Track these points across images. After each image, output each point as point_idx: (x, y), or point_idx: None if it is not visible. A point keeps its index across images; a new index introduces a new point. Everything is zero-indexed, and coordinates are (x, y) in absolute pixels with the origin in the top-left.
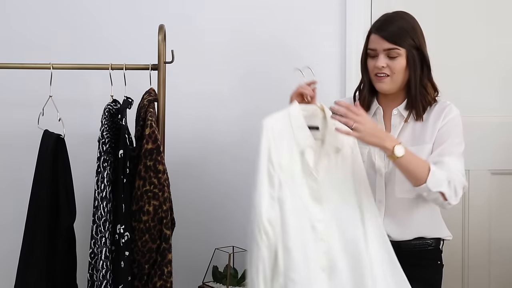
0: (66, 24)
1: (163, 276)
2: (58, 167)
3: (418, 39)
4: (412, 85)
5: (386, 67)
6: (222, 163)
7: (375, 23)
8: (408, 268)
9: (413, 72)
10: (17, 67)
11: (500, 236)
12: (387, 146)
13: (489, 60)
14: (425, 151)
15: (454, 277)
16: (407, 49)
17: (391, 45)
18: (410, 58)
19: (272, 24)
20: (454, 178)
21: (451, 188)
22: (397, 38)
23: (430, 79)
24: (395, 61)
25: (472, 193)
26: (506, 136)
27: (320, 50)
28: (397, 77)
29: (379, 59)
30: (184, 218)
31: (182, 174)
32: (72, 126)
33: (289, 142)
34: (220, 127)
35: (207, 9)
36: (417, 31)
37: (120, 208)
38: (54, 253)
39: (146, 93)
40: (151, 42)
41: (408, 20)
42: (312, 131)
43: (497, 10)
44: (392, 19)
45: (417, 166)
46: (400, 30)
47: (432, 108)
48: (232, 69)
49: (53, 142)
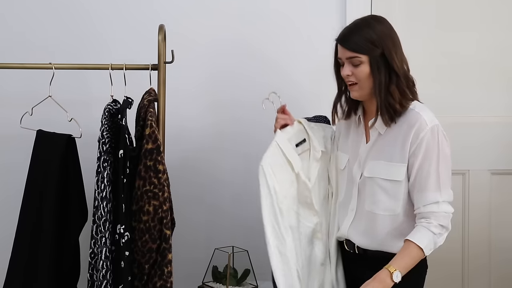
0: (66, 24)
1: (163, 276)
2: (68, 168)
3: (382, 45)
4: (377, 91)
5: (352, 75)
6: (222, 163)
7: (339, 34)
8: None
9: (377, 78)
10: (17, 67)
11: (500, 236)
12: (386, 285)
13: (489, 60)
14: (400, 173)
15: (454, 277)
16: (369, 56)
17: (352, 54)
18: (373, 64)
19: (272, 25)
20: (436, 221)
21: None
22: (357, 46)
23: (398, 86)
24: (359, 69)
25: (472, 193)
26: (506, 136)
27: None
28: (363, 84)
29: (344, 68)
30: (184, 218)
31: (182, 174)
32: (72, 126)
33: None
34: (220, 127)
35: (207, 9)
36: (382, 38)
37: (120, 208)
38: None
39: (146, 93)
40: (151, 42)
41: (374, 26)
42: (301, 145)
43: (497, 10)
44: (355, 27)
45: (413, 260)
46: (360, 38)
47: (402, 116)
48: (232, 69)
49: (63, 143)
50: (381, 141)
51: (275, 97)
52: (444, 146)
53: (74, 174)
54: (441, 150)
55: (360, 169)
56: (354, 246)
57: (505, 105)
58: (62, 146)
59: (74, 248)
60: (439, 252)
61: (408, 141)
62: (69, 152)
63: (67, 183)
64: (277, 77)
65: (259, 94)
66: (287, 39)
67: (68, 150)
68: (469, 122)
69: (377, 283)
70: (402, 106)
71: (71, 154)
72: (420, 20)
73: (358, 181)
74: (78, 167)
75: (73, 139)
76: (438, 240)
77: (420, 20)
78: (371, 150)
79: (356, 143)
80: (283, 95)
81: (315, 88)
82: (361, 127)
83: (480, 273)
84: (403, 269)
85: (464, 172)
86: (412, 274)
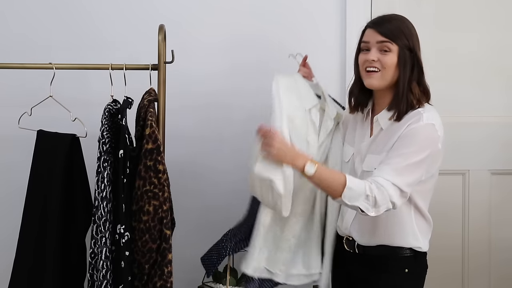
0: (66, 24)
1: (163, 276)
2: (74, 169)
3: (412, 41)
4: (401, 84)
5: (377, 61)
6: (222, 163)
7: (373, 19)
8: (371, 272)
9: (403, 71)
10: (17, 67)
11: (500, 236)
12: (297, 164)
13: (489, 60)
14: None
15: (454, 277)
16: (399, 46)
17: (384, 38)
18: (401, 56)
19: (272, 25)
20: (376, 191)
21: (369, 202)
22: (391, 33)
23: (420, 83)
24: (387, 56)
25: (472, 193)
26: (506, 136)
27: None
28: (387, 73)
29: (371, 52)
30: (184, 218)
31: (182, 174)
32: (72, 126)
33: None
34: (220, 127)
35: (207, 9)
36: (412, 34)
37: (120, 208)
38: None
39: (146, 93)
40: (151, 42)
41: (405, 22)
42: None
43: (498, 10)
44: (390, 18)
45: (332, 182)
46: (395, 27)
47: (408, 113)
48: (232, 69)
49: (68, 142)
50: (381, 136)
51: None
52: (430, 143)
53: (79, 174)
54: (424, 143)
55: (361, 163)
56: (354, 245)
57: (505, 104)
58: (67, 146)
59: (80, 251)
60: (439, 252)
61: (401, 129)
62: (74, 152)
63: (73, 184)
64: None
65: (259, 94)
66: (287, 40)
67: (72, 150)
68: (469, 122)
69: (293, 153)
70: (419, 103)
71: (76, 154)
72: (419, 20)
73: (358, 175)
74: (84, 168)
75: (78, 139)
76: (361, 203)
77: (419, 20)
78: (371, 145)
79: (362, 137)
80: None
81: None
82: (368, 121)
83: (480, 273)
84: (318, 172)
85: (464, 172)
86: (412, 274)
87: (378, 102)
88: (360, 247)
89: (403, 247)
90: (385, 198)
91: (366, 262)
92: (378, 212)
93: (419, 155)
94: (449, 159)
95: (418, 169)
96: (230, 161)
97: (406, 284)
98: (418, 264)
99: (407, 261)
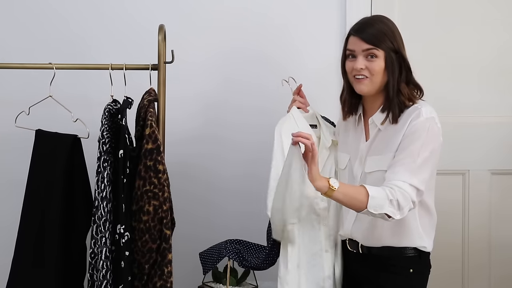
0: (66, 24)
1: (163, 276)
2: (74, 170)
3: (396, 42)
4: (390, 87)
5: (365, 69)
6: (222, 163)
7: (354, 26)
8: (376, 272)
9: (391, 74)
10: (17, 67)
11: (500, 235)
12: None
13: (488, 60)
14: (387, 161)
15: (454, 277)
16: (385, 50)
17: (369, 46)
18: (388, 60)
19: (272, 24)
20: (397, 194)
21: (393, 206)
22: (375, 39)
23: (409, 81)
24: (374, 63)
25: (472, 193)
26: (506, 136)
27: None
28: (376, 78)
29: (357, 60)
30: (184, 218)
31: (182, 174)
32: (73, 126)
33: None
34: (220, 127)
35: (207, 9)
36: (395, 35)
37: (120, 208)
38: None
39: (146, 93)
40: (151, 42)
41: (386, 23)
42: (313, 129)
43: (497, 10)
44: (371, 22)
45: (355, 194)
46: (378, 32)
47: (404, 112)
48: (232, 69)
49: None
50: (380, 136)
51: (291, 82)
52: (433, 136)
53: (81, 176)
54: (428, 137)
55: (361, 166)
56: (358, 246)
57: (505, 105)
58: (68, 147)
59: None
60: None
61: (404, 128)
62: (75, 154)
63: (73, 187)
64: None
65: (259, 94)
66: (287, 41)
67: (74, 151)
68: (469, 122)
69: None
70: (411, 100)
71: (77, 155)
72: (420, 20)
73: (359, 178)
74: (85, 169)
75: (79, 140)
76: (387, 209)
77: (420, 20)
78: (371, 147)
79: (357, 141)
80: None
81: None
82: (361, 125)
83: (480, 272)
84: (341, 187)
85: (464, 172)
86: (417, 273)
87: (369, 106)
88: (364, 247)
89: (408, 247)
90: (407, 199)
91: (371, 263)
92: (403, 214)
93: (426, 150)
94: (449, 159)
95: (429, 164)
96: (230, 161)
97: (411, 284)
98: (423, 263)
99: (412, 261)
